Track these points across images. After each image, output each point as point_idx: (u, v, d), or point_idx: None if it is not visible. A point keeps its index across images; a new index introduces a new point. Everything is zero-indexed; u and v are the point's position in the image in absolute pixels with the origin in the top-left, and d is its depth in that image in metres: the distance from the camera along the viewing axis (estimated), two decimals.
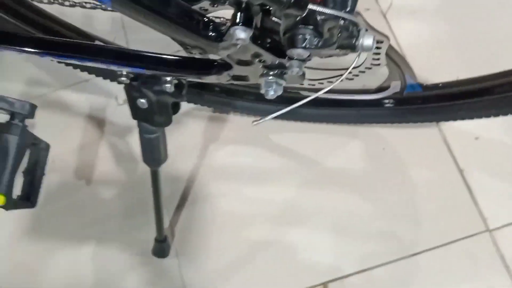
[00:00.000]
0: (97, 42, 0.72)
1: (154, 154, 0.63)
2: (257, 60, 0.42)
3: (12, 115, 0.72)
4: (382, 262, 0.78)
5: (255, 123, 0.46)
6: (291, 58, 0.39)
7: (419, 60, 0.84)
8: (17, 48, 0.53)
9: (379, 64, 0.47)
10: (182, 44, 0.50)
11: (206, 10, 0.39)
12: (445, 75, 0.72)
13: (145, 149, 0.62)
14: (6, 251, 0.88)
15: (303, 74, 0.43)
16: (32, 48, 0.50)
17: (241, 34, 0.35)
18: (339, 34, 0.35)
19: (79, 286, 0.86)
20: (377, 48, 0.43)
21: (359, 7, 0.99)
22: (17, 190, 0.76)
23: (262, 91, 0.45)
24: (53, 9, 0.72)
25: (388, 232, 0.80)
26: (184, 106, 0.87)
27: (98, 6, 0.55)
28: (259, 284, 0.80)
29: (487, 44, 0.86)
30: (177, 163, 0.86)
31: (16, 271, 0.87)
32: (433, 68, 0.83)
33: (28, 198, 0.76)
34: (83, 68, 0.77)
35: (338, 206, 0.83)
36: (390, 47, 0.59)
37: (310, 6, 0.32)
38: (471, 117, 0.72)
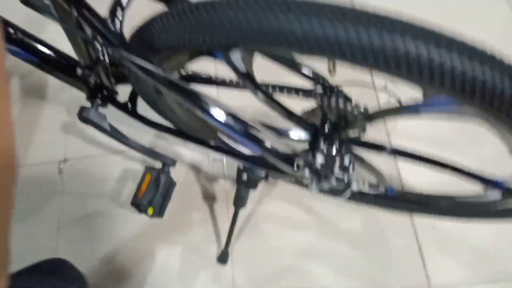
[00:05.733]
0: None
1: (242, 202, 1.09)
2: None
3: (164, 164, 1.21)
4: None
5: None
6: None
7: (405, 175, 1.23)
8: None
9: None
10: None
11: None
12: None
13: (238, 199, 1.08)
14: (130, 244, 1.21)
15: None
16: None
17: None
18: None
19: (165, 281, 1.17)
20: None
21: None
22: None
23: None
24: None
25: (368, 275, 1.12)
26: None
27: None
28: None
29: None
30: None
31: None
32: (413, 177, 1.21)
33: (161, 213, 1.23)
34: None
35: (339, 253, 1.12)
36: (373, 167, 1.03)
37: None
38: (424, 214, 1.08)
